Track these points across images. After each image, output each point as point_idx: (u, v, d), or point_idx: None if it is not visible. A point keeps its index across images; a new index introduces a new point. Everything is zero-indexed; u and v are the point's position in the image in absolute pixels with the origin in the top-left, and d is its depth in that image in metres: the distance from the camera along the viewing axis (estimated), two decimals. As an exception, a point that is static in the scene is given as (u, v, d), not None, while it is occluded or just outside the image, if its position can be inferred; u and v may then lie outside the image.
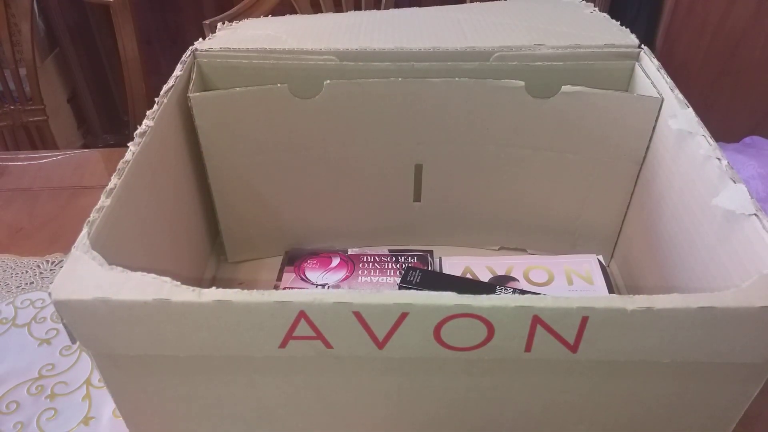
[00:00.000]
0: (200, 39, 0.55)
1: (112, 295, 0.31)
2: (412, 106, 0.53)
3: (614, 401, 0.37)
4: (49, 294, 0.31)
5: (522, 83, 0.51)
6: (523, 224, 0.61)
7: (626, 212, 0.57)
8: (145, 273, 0.32)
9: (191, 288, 0.31)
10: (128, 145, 0.42)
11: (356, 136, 0.55)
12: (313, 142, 0.55)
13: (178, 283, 0.31)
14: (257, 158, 0.56)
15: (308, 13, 1.05)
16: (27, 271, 0.64)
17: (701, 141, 0.43)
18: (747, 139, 1.20)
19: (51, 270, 0.64)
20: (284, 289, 0.57)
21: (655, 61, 0.51)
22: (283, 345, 0.33)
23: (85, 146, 1.99)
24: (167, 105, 0.47)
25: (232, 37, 0.56)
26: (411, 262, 0.60)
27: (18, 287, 0.62)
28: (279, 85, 0.52)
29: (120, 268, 0.32)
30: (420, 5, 0.68)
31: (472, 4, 0.64)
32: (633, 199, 0.56)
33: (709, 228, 0.40)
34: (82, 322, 0.32)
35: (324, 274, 0.59)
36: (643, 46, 0.53)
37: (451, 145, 0.56)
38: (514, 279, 0.56)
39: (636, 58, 0.53)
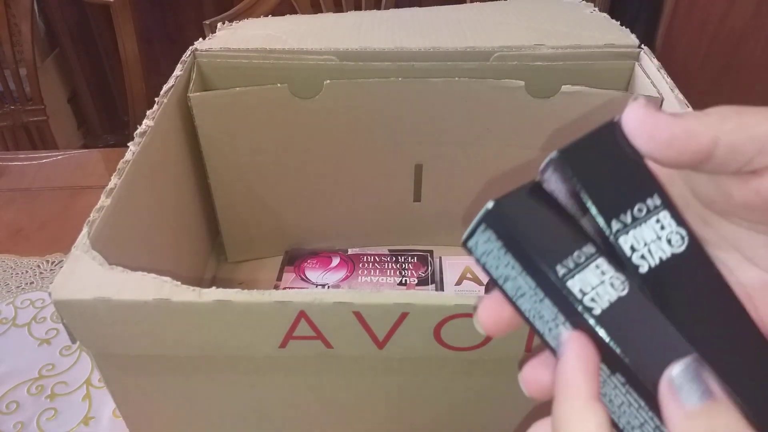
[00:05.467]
0: (200, 39, 0.55)
1: (112, 295, 0.31)
2: (412, 106, 0.53)
3: (614, 401, 0.37)
4: (49, 294, 0.31)
5: (522, 83, 0.51)
6: (523, 224, 0.61)
7: (626, 212, 0.57)
8: (145, 273, 0.32)
9: (191, 288, 0.31)
10: (128, 145, 0.42)
11: (356, 136, 0.55)
12: (313, 142, 0.55)
13: (178, 283, 0.31)
14: (257, 158, 0.56)
15: (308, 13, 1.05)
16: (27, 271, 0.64)
17: (701, 141, 0.43)
18: (747, 139, 1.19)
19: (51, 270, 0.64)
20: (284, 289, 0.57)
21: (655, 61, 0.51)
22: (283, 345, 0.33)
23: (85, 146, 1.99)
24: (167, 105, 0.47)
25: (232, 37, 0.56)
26: (411, 262, 0.60)
27: (18, 287, 0.62)
28: (279, 85, 0.52)
29: (120, 268, 0.32)
30: (420, 5, 0.68)
31: (472, 4, 0.64)
32: (633, 199, 0.56)
33: (709, 228, 0.40)
34: (82, 322, 0.32)
35: (324, 273, 0.59)
36: (643, 46, 0.53)
37: (451, 145, 0.56)
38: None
39: (636, 58, 0.53)
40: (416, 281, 0.58)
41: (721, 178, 0.23)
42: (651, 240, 0.22)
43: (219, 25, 0.59)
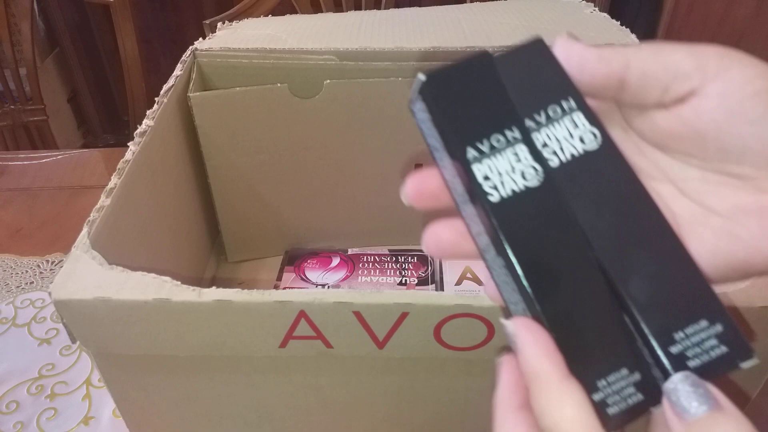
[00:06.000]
0: (200, 39, 0.55)
1: (112, 295, 0.31)
2: (412, 106, 0.53)
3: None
4: (49, 294, 0.31)
5: (522, 83, 0.51)
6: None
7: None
8: (145, 273, 0.32)
9: (191, 288, 0.31)
10: (128, 145, 0.42)
11: (356, 136, 0.55)
12: (313, 142, 0.55)
13: (178, 282, 0.31)
14: (257, 158, 0.56)
15: (308, 13, 1.05)
16: (27, 271, 0.64)
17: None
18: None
19: (51, 270, 0.64)
20: (284, 288, 0.57)
21: (655, 61, 0.51)
22: (283, 345, 0.33)
23: (85, 146, 1.99)
24: (167, 105, 0.47)
25: (232, 37, 0.56)
26: (411, 262, 0.60)
27: (18, 287, 0.62)
28: (279, 85, 0.52)
29: (120, 268, 0.32)
30: (420, 5, 0.68)
31: (472, 4, 0.64)
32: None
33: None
34: (82, 322, 0.32)
35: (324, 273, 0.59)
36: (643, 46, 0.53)
37: (451, 145, 0.56)
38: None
39: (636, 58, 0.53)
40: (416, 281, 0.58)
41: (649, 108, 0.23)
42: (563, 137, 0.23)
43: (219, 25, 0.59)
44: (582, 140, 0.23)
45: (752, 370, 0.34)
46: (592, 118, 0.23)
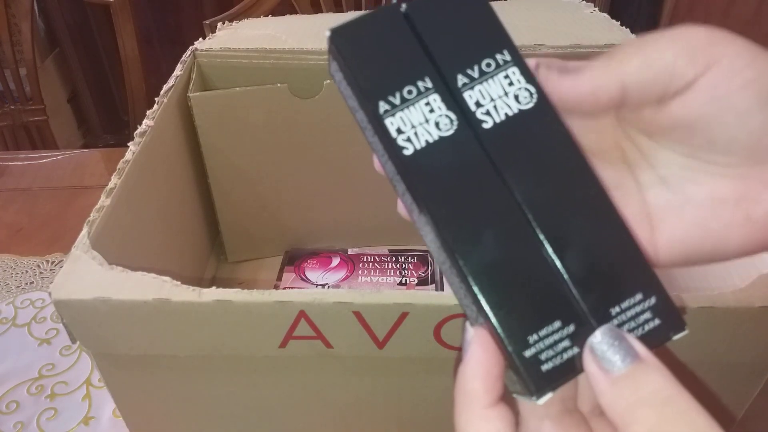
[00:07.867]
0: (200, 39, 0.55)
1: (112, 295, 0.31)
2: (412, 106, 0.53)
3: (614, 401, 0.37)
4: (49, 294, 0.31)
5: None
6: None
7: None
8: (145, 273, 0.32)
9: (191, 288, 0.31)
10: (128, 145, 0.42)
11: (356, 136, 0.55)
12: (313, 142, 0.55)
13: (178, 282, 0.31)
14: (257, 158, 0.56)
15: (308, 13, 1.05)
16: (27, 271, 0.64)
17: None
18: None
19: (51, 270, 0.64)
20: (284, 289, 0.57)
21: (655, 61, 0.51)
22: (283, 345, 0.33)
23: (85, 146, 1.99)
24: (167, 105, 0.47)
25: (232, 37, 0.56)
26: (411, 262, 0.60)
27: (18, 287, 0.62)
28: (279, 85, 0.52)
29: (120, 268, 0.32)
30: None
31: (472, 4, 0.64)
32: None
33: (709, 228, 0.40)
34: (82, 322, 0.32)
35: (324, 273, 0.59)
36: (643, 46, 0.53)
37: (451, 145, 0.56)
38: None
39: (636, 58, 0.53)
40: (416, 281, 0.58)
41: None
42: (498, 96, 0.22)
43: (219, 25, 0.59)
44: (517, 98, 0.22)
45: (752, 369, 0.34)
46: (528, 74, 0.22)
